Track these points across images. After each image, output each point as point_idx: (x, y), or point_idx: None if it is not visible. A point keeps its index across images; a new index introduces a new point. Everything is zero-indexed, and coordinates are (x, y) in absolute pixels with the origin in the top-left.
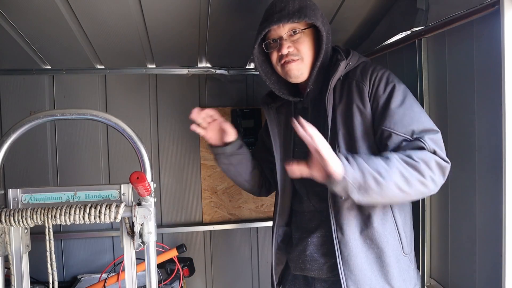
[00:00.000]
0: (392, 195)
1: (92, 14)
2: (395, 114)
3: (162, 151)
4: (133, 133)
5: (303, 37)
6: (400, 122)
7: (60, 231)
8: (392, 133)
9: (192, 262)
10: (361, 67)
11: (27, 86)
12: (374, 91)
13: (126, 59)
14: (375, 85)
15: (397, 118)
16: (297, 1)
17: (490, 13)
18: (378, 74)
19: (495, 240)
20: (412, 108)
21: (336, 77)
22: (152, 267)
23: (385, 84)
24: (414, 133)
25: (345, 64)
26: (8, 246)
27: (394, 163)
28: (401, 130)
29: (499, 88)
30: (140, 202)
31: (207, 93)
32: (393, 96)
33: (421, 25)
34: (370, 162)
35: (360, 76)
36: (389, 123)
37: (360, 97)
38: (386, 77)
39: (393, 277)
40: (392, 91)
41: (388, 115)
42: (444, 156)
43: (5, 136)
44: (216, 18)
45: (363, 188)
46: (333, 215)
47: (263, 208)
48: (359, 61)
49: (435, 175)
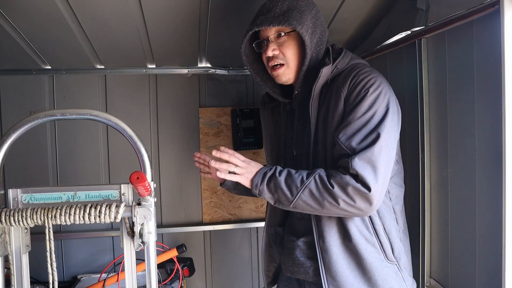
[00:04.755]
0: (307, 210)
1: (92, 14)
2: (350, 124)
3: (162, 151)
4: (133, 133)
5: (288, 41)
6: (347, 133)
7: (60, 231)
8: (338, 143)
9: (192, 262)
10: (347, 70)
11: (27, 86)
12: (348, 97)
13: (126, 59)
14: (350, 91)
15: (349, 129)
16: (287, 2)
17: (490, 13)
18: (358, 79)
19: (495, 240)
20: (370, 121)
21: (320, 83)
22: (152, 267)
23: (359, 90)
24: (352, 149)
25: (330, 69)
26: (8, 246)
27: (310, 183)
28: (345, 142)
29: (499, 88)
30: (140, 202)
31: (207, 93)
32: (359, 105)
33: (421, 25)
34: (288, 178)
35: (342, 81)
36: (339, 131)
37: (336, 103)
38: (365, 83)
39: (376, 284)
40: (361, 99)
41: (344, 124)
42: (368, 180)
43: (5, 136)
44: (216, 18)
45: (277, 200)
46: (315, 222)
47: (263, 208)
48: (350, 63)
49: (352, 201)
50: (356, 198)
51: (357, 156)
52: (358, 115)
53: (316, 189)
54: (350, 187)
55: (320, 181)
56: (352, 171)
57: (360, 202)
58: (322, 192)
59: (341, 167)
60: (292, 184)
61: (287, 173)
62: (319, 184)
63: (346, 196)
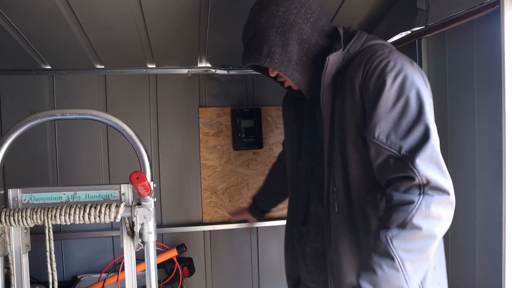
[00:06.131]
0: (423, 265)
1: (92, 14)
2: (383, 119)
3: (162, 151)
4: (133, 133)
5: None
6: (384, 130)
7: (60, 231)
8: (377, 144)
9: (192, 262)
10: (361, 53)
11: (27, 86)
12: (366, 86)
13: (126, 59)
14: (367, 78)
15: (383, 124)
16: (251, 28)
17: (490, 13)
18: (374, 62)
19: (495, 240)
20: (406, 113)
21: (329, 72)
22: (152, 267)
23: (377, 76)
24: (402, 149)
25: (342, 55)
26: (8, 246)
27: (401, 256)
28: (385, 140)
29: (499, 88)
30: (140, 202)
31: (207, 93)
32: (382, 94)
33: (421, 25)
34: (382, 273)
35: (355, 66)
36: (372, 131)
37: (351, 93)
38: (383, 66)
39: None
40: (382, 86)
41: (373, 120)
42: (441, 183)
43: (5, 136)
44: (216, 18)
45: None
46: (328, 227)
47: None
48: (364, 45)
49: (440, 218)
50: (442, 213)
51: (417, 157)
52: (388, 105)
53: (409, 255)
54: (432, 207)
55: (400, 242)
56: (422, 180)
57: (446, 212)
58: (417, 243)
59: (396, 176)
60: (390, 275)
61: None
62: (404, 250)
63: (435, 220)
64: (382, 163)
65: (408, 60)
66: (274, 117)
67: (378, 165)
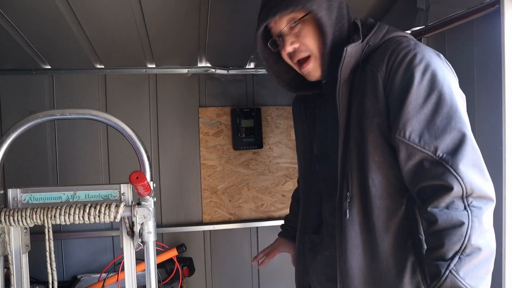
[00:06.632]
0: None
1: (92, 14)
2: (413, 117)
3: (162, 151)
4: (133, 133)
5: (305, 28)
6: (416, 128)
7: (60, 231)
8: (408, 145)
9: (192, 262)
10: (383, 46)
11: (27, 86)
12: (391, 81)
13: (126, 59)
14: (392, 72)
15: (414, 122)
16: None
17: (490, 13)
18: (399, 55)
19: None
20: (440, 109)
21: (346, 65)
22: (151, 267)
23: (404, 70)
24: (439, 150)
25: (360, 47)
26: (7, 246)
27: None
28: (419, 142)
29: (499, 88)
30: (140, 202)
31: (207, 93)
32: (411, 89)
33: (421, 25)
34: None
35: (377, 60)
36: (402, 130)
37: (373, 88)
38: (410, 59)
39: None
40: (410, 81)
41: (402, 118)
42: (486, 190)
43: (5, 136)
44: (216, 18)
45: None
46: (339, 235)
47: (263, 208)
48: (385, 37)
49: (492, 227)
50: (491, 221)
51: (460, 162)
52: (419, 101)
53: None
54: (483, 218)
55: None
56: (465, 189)
57: (491, 217)
58: (481, 265)
59: (431, 184)
60: None
61: None
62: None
63: (489, 232)
64: (415, 167)
65: (436, 53)
66: (274, 117)
67: (410, 169)
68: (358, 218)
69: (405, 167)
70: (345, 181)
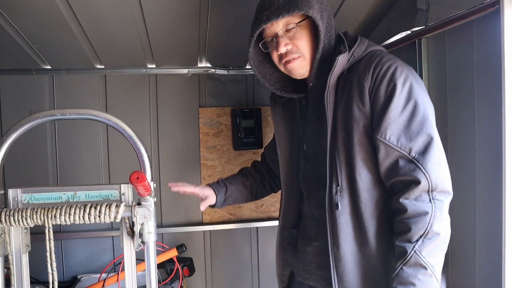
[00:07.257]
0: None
1: (92, 14)
2: (393, 122)
3: (162, 151)
4: (133, 133)
5: (300, 32)
6: (395, 132)
7: (60, 231)
8: (387, 146)
9: (192, 262)
10: (367, 58)
11: (27, 86)
12: (375, 89)
13: (126, 59)
14: (377, 82)
15: (394, 126)
16: None
17: (490, 13)
18: (383, 67)
19: (495, 240)
20: (415, 116)
21: (335, 72)
22: (152, 267)
23: (388, 81)
24: (412, 151)
25: (347, 57)
26: (8, 246)
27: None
28: (397, 143)
29: (499, 88)
30: (140, 202)
31: (207, 93)
32: (393, 98)
33: (421, 25)
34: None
35: (362, 70)
36: (383, 132)
37: (360, 94)
38: (392, 71)
39: None
40: (393, 91)
41: (384, 122)
42: (447, 185)
43: (5, 136)
44: (216, 18)
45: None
46: (330, 226)
47: (263, 208)
48: (367, 50)
49: (448, 216)
50: (447, 211)
51: (428, 160)
52: (399, 109)
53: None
54: (444, 209)
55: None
56: (431, 183)
57: (448, 208)
58: (439, 246)
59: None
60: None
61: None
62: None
63: (447, 220)
64: (391, 164)
65: (409, 67)
66: None
67: (387, 165)
68: (348, 209)
69: (383, 164)
70: (335, 176)
